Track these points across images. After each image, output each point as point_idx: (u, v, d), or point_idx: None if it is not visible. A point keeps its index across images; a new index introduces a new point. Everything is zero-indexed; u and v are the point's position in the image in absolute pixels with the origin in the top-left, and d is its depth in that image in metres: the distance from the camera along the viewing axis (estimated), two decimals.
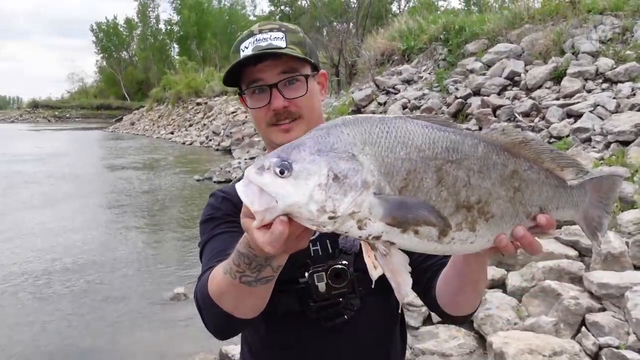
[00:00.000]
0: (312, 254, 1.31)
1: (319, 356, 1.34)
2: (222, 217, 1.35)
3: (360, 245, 1.21)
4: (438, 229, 0.87)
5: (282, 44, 1.29)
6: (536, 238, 0.98)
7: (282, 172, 0.81)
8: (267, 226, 0.83)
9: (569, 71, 9.03)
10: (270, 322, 1.34)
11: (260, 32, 1.31)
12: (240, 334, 1.40)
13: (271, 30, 1.31)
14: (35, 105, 72.38)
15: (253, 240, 0.87)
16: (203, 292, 1.15)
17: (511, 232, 0.96)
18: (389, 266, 0.91)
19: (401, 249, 0.91)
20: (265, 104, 1.30)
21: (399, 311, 1.04)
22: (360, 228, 0.84)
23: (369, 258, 0.94)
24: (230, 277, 1.05)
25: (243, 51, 1.31)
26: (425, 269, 1.33)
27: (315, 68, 1.37)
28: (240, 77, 1.34)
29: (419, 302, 3.39)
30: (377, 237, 0.86)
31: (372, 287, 1.21)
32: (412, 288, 1.39)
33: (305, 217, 0.82)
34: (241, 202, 0.85)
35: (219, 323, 1.17)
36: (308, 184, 0.81)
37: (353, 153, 0.84)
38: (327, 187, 0.81)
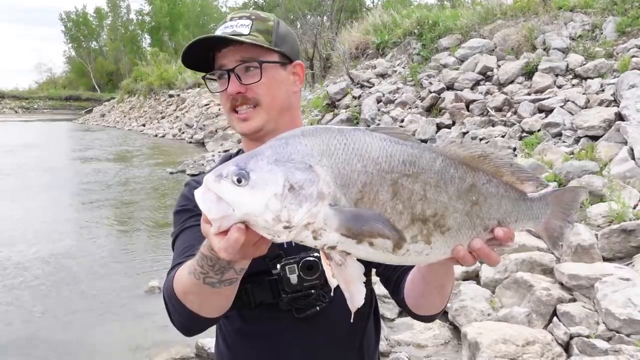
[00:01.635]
0: (285, 245, 1.30)
1: (293, 346, 1.35)
2: (194, 209, 1.35)
3: None
4: (392, 241, 0.88)
5: (245, 31, 1.30)
6: (495, 249, 1.00)
7: (239, 181, 0.82)
8: (225, 232, 0.84)
9: (540, 67, 9.19)
10: (244, 313, 1.36)
11: (232, 19, 1.34)
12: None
13: (240, 18, 1.34)
14: (1, 95, 70.42)
15: (211, 245, 0.89)
16: (169, 291, 1.18)
17: (469, 244, 0.97)
18: (343, 276, 0.93)
19: (358, 259, 0.93)
20: (224, 88, 1.32)
21: (351, 320, 1.07)
22: (315, 238, 0.85)
23: (327, 266, 0.95)
24: (195, 278, 1.06)
25: None
26: (394, 268, 1.36)
27: (287, 58, 1.37)
28: (213, 62, 1.36)
29: None
30: (333, 247, 0.87)
31: (332, 294, 1.25)
32: (384, 286, 1.44)
33: (261, 226, 0.83)
34: None
35: (184, 321, 1.19)
36: (264, 194, 0.82)
37: (310, 164, 0.84)
38: (282, 197, 0.82)
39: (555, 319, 3.69)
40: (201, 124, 21.69)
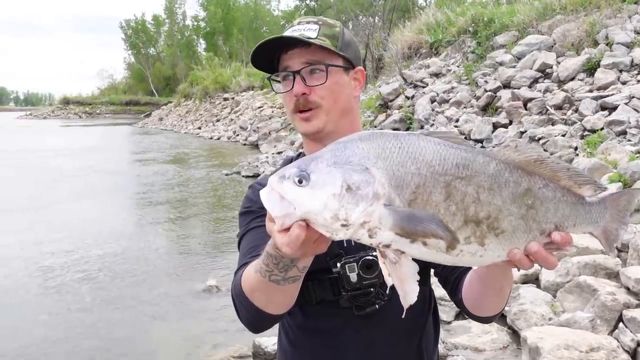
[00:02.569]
0: (345, 245, 1.34)
1: (353, 342, 1.38)
2: (258, 211, 1.41)
3: None
4: (446, 241, 0.90)
5: (313, 35, 1.33)
6: (553, 253, 1.00)
7: (300, 182, 0.88)
8: (287, 230, 0.90)
9: (602, 62, 8.83)
10: (306, 309, 1.40)
11: (299, 23, 1.38)
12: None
13: (308, 22, 1.37)
14: (66, 101, 73.65)
15: (275, 242, 0.95)
16: (237, 289, 1.25)
17: (525, 247, 0.98)
18: (397, 274, 0.96)
19: (413, 259, 0.95)
20: (289, 89, 1.36)
21: (402, 316, 1.09)
22: (370, 236, 0.89)
23: (383, 265, 0.98)
24: (261, 276, 1.13)
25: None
26: (452, 269, 1.37)
27: (350, 63, 1.40)
28: (278, 63, 1.40)
29: None
30: (387, 246, 0.91)
31: (389, 292, 1.26)
32: (442, 286, 1.45)
33: (320, 224, 0.88)
34: None
35: (252, 318, 1.26)
36: (323, 193, 0.87)
37: (366, 166, 0.89)
38: (340, 197, 0.87)
39: (621, 324, 3.55)
40: (255, 126, 22.04)
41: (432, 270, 1.45)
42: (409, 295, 0.98)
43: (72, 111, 67.32)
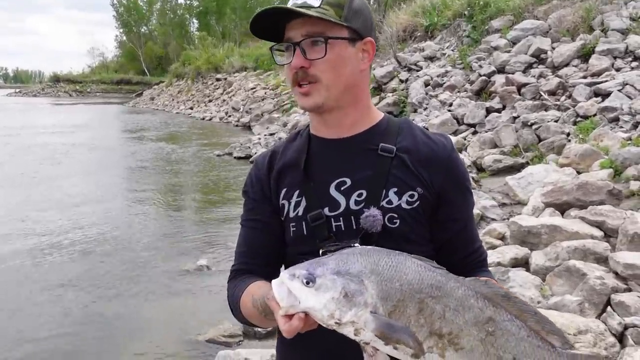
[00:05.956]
0: (334, 229, 1.31)
1: None
2: (253, 201, 1.44)
3: (382, 226, 1.29)
4: (413, 349, 1.05)
5: (316, 3, 1.26)
6: None
7: (307, 283, 1.06)
8: (289, 317, 1.06)
9: (597, 49, 8.82)
10: None
11: None
12: None
13: None
14: (56, 79, 72.82)
15: (277, 322, 1.09)
16: (235, 307, 1.37)
17: None
18: None
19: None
20: (289, 61, 1.31)
21: None
22: (355, 334, 1.06)
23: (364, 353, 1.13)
24: (257, 312, 1.26)
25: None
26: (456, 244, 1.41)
27: (357, 34, 1.33)
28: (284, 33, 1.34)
29: None
30: (367, 343, 1.07)
31: None
32: None
33: (318, 318, 1.06)
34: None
35: (245, 324, 1.46)
36: (325, 296, 1.05)
37: (362, 279, 1.06)
38: (338, 301, 1.05)
39: (609, 308, 3.57)
40: (247, 108, 21.91)
41: None
42: None
43: (63, 89, 66.60)
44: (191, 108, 31.75)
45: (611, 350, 3.19)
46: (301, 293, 1.06)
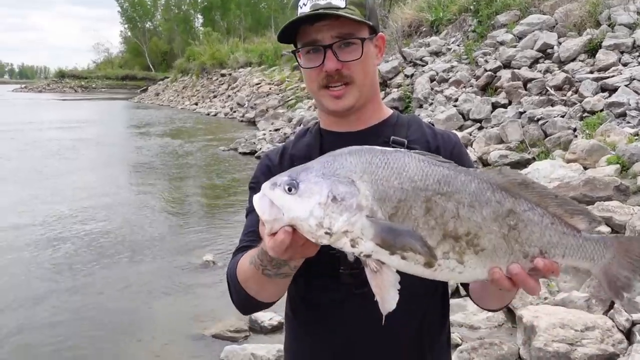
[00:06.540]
0: None
1: (350, 318, 1.37)
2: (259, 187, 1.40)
3: None
4: (423, 256, 0.93)
5: (342, 3, 1.25)
6: (538, 279, 0.99)
7: (289, 190, 0.94)
8: (276, 234, 0.96)
9: (604, 44, 8.76)
10: (309, 281, 1.40)
11: None
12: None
13: None
14: (62, 75, 72.99)
15: (264, 244, 1.01)
16: (232, 275, 1.30)
17: (507, 268, 0.97)
18: (377, 282, 0.99)
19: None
20: (319, 64, 1.28)
21: (382, 323, 1.09)
22: (353, 246, 0.94)
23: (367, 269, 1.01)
24: (254, 268, 1.19)
25: (301, 8, 1.28)
26: None
27: (374, 30, 1.33)
28: (296, 33, 1.32)
29: None
30: (368, 256, 0.96)
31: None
32: None
33: (306, 230, 0.94)
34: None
35: (243, 302, 1.32)
36: (310, 202, 0.93)
37: (352, 179, 0.94)
38: (326, 206, 0.92)
39: (616, 305, 3.56)
40: (252, 103, 21.91)
41: None
42: (387, 302, 1.00)
43: (68, 85, 66.73)
44: (196, 104, 31.78)
45: (618, 347, 3.18)
46: (284, 202, 0.94)
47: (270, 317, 4.33)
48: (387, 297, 0.99)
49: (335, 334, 1.38)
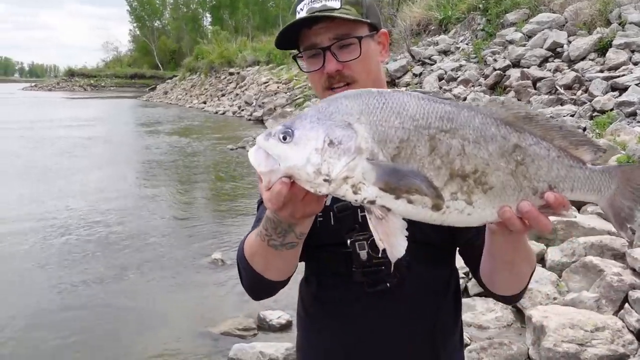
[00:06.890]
0: (361, 220, 1.31)
1: (362, 317, 1.36)
2: None
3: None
4: (430, 198, 0.90)
5: (337, 4, 1.27)
6: (550, 217, 0.96)
7: (284, 138, 0.91)
8: None
9: (614, 42, 8.70)
10: (322, 280, 1.40)
11: None
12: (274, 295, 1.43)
13: None
14: (71, 73, 73.45)
15: (263, 199, 0.96)
16: (240, 253, 1.28)
17: (517, 207, 0.94)
18: (383, 229, 0.94)
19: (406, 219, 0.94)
20: (319, 67, 1.30)
21: (391, 270, 1.10)
22: (355, 192, 0.90)
23: (371, 225, 0.95)
24: (260, 240, 1.15)
25: (299, 13, 1.30)
26: (477, 247, 1.31)
27: (374, 28, 1.34)
28: (298, 38, 1.34)
29: None
30: (372, 202, 0.91)
31: (380, 255, 1.23)
32: (466, 265, 1.40)
33: (303, 179, 0.90)
34: None
35: (252, 282, 1.29)
36: (306, 148, 0.89)
37: (349, 122, 0.90)
38: (323, 151, 0.89)
39: (626, 305, 3.54)
40: (260, 102, 21.94)
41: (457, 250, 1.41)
42: (395, 248, 0.95)
43: (77, 83, 67.14)
44: (204, 102, 31.85)
45: (629, 348, 3.17)
46: (279, 151, 0.91)
47: (278, 315, 4.35)
48: (395, 244, 0.95)
49: (348, 332, 1.38)
